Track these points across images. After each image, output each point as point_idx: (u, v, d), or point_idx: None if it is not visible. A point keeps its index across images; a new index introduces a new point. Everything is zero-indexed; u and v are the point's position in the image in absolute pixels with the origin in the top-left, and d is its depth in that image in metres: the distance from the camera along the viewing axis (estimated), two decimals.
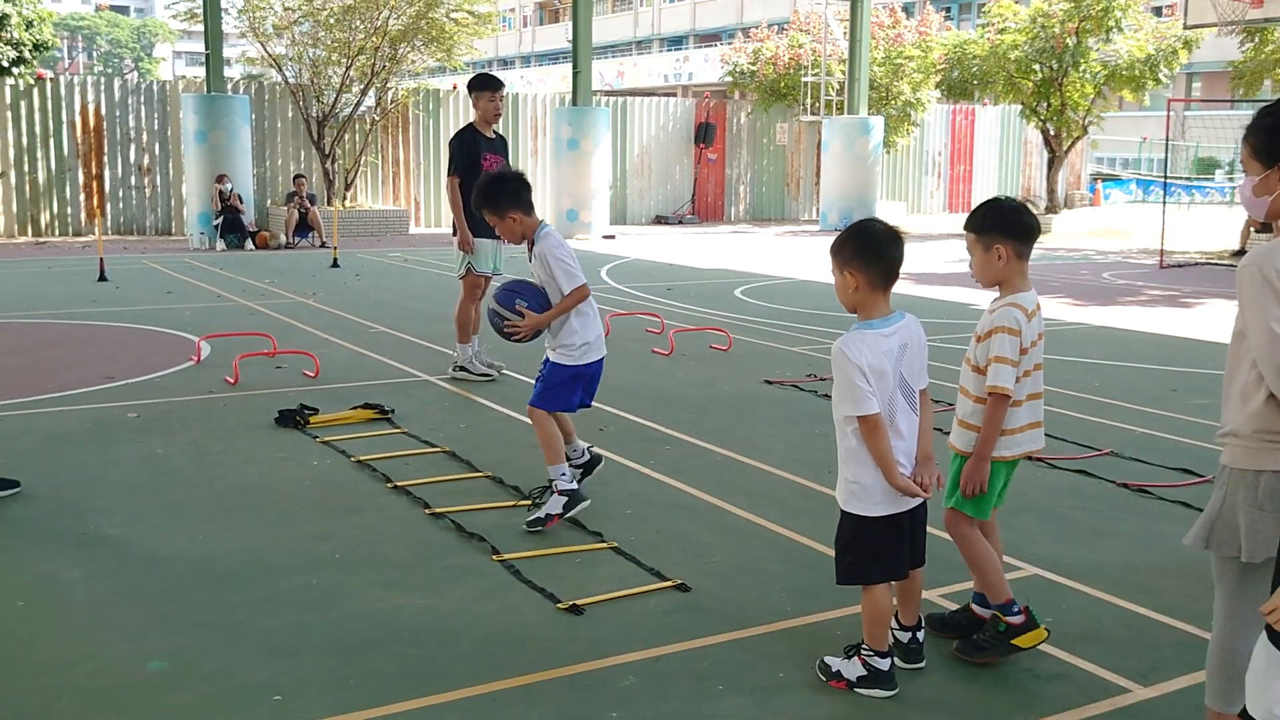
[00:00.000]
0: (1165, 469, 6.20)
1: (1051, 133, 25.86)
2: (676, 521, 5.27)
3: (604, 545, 4.91)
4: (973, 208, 3.93)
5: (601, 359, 5.39)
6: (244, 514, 5.34)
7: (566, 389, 5.30)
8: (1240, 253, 19.17)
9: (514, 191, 5.32)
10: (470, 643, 3.96)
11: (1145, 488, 5.84)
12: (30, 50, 22.24)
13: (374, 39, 23.16)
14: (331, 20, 23.36)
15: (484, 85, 8.50)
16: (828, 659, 3.74)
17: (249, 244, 20.21)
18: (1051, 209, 26.62)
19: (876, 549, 3.59)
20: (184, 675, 3.71)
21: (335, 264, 16.78)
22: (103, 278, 14.57)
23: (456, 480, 5.88)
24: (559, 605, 4.24)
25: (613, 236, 22.92)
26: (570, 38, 23.17)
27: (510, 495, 5.62)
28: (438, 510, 5.32)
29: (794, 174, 29.98)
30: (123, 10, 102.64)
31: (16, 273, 15.74)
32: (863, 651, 3.65)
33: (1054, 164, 26.57)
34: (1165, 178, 22.15)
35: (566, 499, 5.18)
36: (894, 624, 3.81)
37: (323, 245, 20.37)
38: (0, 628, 4.08)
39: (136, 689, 3.61)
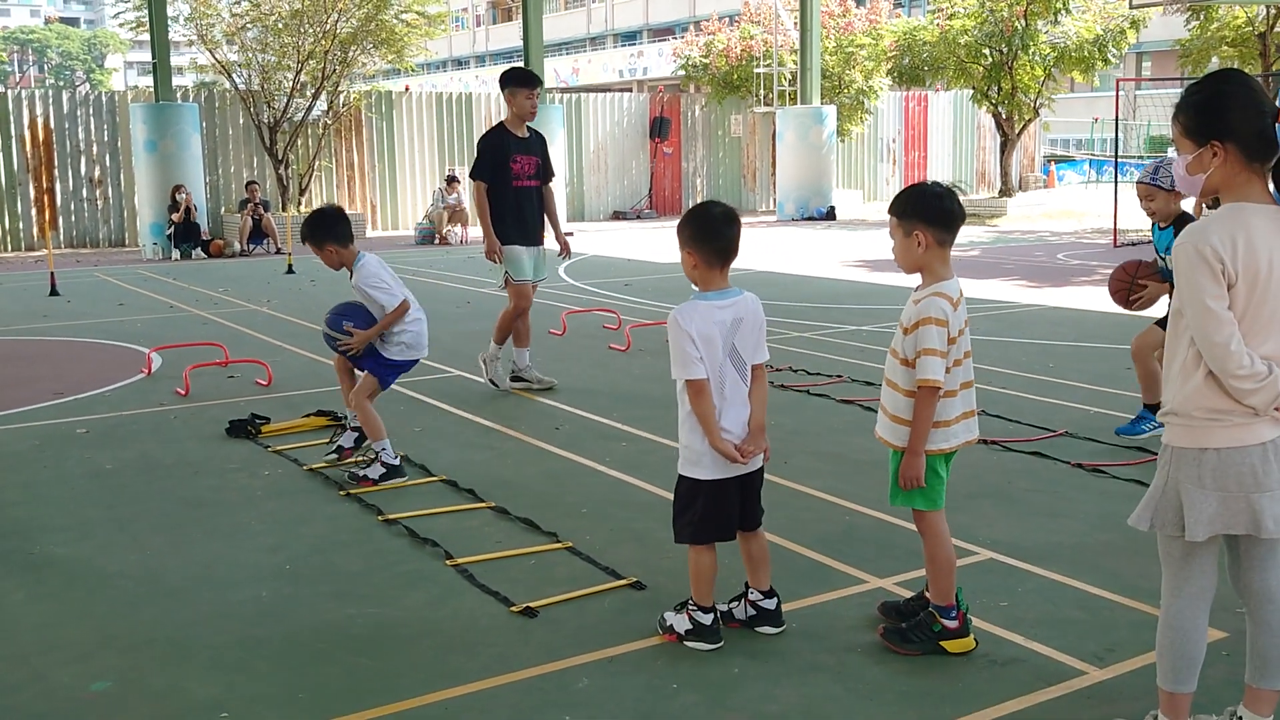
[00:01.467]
0: (1120, 448, 6.23)
1: (1003, 116, 25.99)
2: (633, 519, 5.24)
3: (559, 545, 4.87)
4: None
5: (418, 360, 6.17)
6: (194, 527, 5.26)
7: (386, 375, 6.08)
8: None
9: (330, 225, 5.95)
10: (422, 651, 3.91)
11: (1100, 467, 5.86)
12: None
13: (323, 43, 22.98)
14: (280, 25, 23.15)
15: (520, 81, 7.80)
16: (665, 614, 3.96)
17: (197, 252, 19.98)
18: (1006, 192, 26.76)
19: (706, 511, 3.81)
20: (130, 695, 3.64)
21: (290, 270, 16.63)
22: (54, 292, 14.37)
23: (410, 485, 5.82)
24: (513, 609, 4.19)
25: (570, 234, 22.75)
26: (523, 36, 23.07)
27: (465, 498, 5.57)
28: (390, 516, 5.26)
29: (750, 165, 30.00)
30: (72, 22, 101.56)
31: None
32: (689, 607, 3.87)
33: (1007, 147, 26.71)
34: (1117, 157, 22.30)
35: (356, 435, 6.21)
36: (755, 594, 3.99)
37: (278, 252, 20.18)
38: None
39: (81, 711, 3.54)
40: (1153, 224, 6.53)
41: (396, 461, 5.92)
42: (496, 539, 5.00)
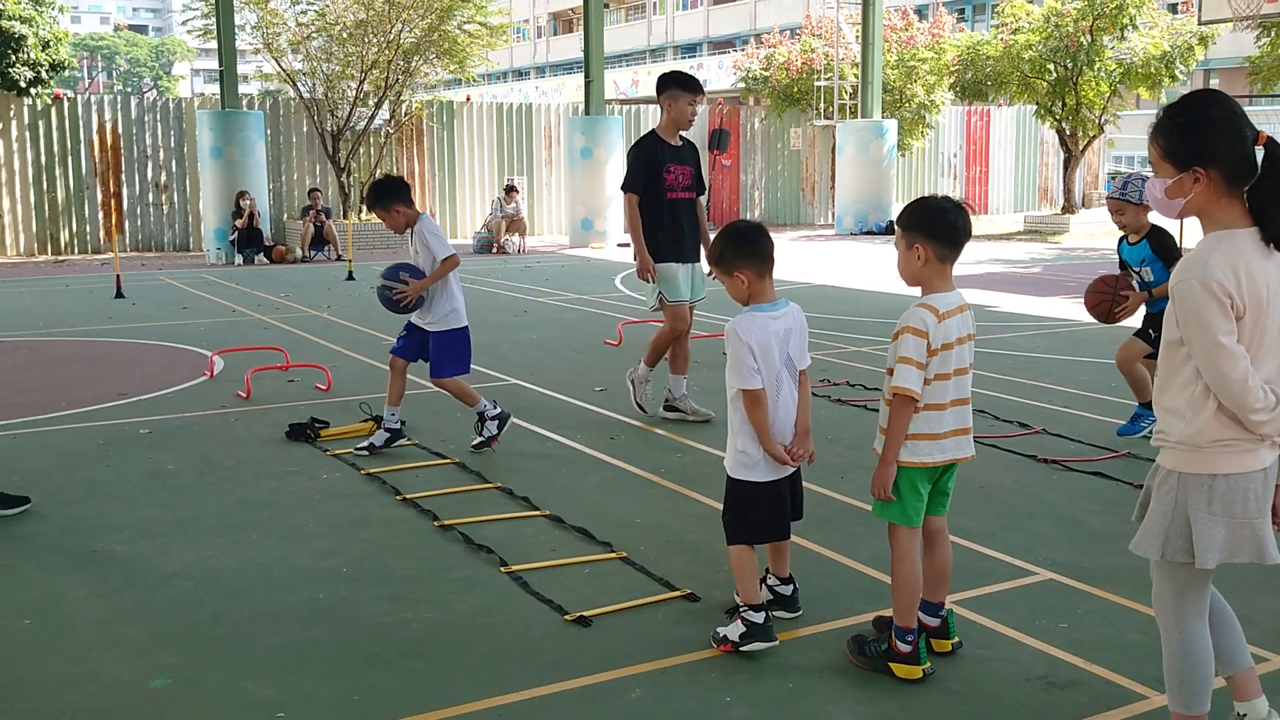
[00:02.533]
0: None
1: (1067, 132, 25.71)
2: (686, 531, 5.22)
3: (613, 555, 4.87)
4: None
5: (467, 326, 6.69)
6: (252, 529, 5.32)
7: (458, 352, 6.65)
8: None
9: (397, 188, 6.61)
10: (476, 656, 3.92)
11: None
12: (47, 70, 22.38)
13: (387, 52, 23.22)
14: (345, 35, 23.44)
15: (685, 85, 7.17)
16: (717, 629, 3.98)
17: (260, 258, 20.27)
18: (1069, 209, 26.47)
19: (762, 513, 3.94)
20: (187, 693, 3.68)
21: (350, 277, 16.81)
22: (120, 295, 14.63)
23: (466, 492, 5.85)
24: (566, 617, 4.19)
25: (627, 245, 22.87)
26: (583, 47, 23.20)
27: (521, 506, 5.59)
28: (446, 522, 5.29)
29: (809, 179, 29.91)
30: (141, 29, 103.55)
31: (35, 291, 15.83)
32: (740, 610, 3.92)
33: (1070, 163, 26.41)
34: None
35: (497, 420, 6.64)
36: (773, 580, 4.17)
37: (338, 258, 20.41)
38: (6, 647, 4.06)
39: (139, 707, 3.59)
40: (1120, 239, 6.75)
41: (498, 411, 6.71)
42: (551, 547, 5.01)
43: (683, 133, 7.38)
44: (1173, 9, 27.96)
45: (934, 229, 3.63)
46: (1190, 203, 2.87)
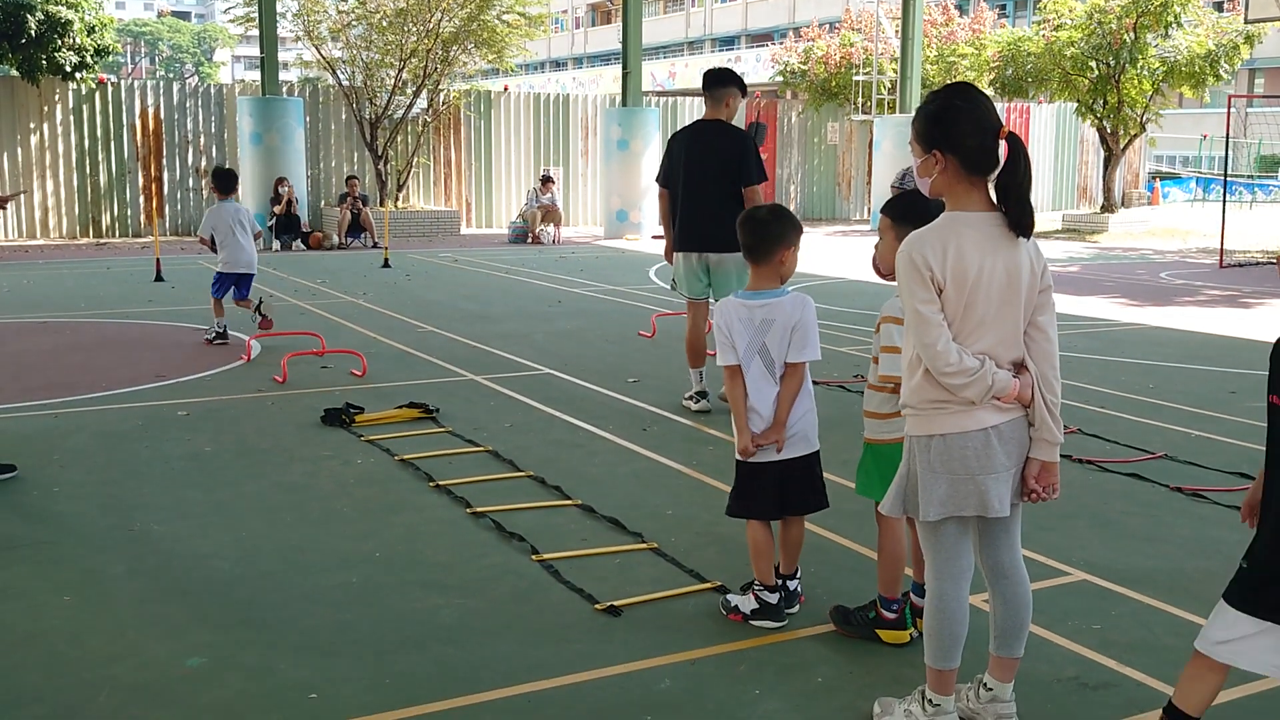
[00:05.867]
0: (1221, 473, 6.06)
1: (1108, 130, 25.47)
2: (717, 523, 5.22)
3: (644, 546, 4.89)
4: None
5: (235, 274, 9.96)
6: (287, 512, 5.37)
7: (215, 279, 9.96)
8: None
9: (214, 175, 10.24)
10: (507, 643, 3.94)
11: (1200, 492, 5.71)
12: (92, 55, 22.55)
13: (426, 41, 23.29)
14: (384, 23, 23.52)
15: (743, 88, 7.61)
16: (729, 596, 4.19)
17: (298, 244, 20.40)
18: (1108, 208, 26.23)
19: (743, 489, 4.13)
20: (222, 672, 3.72)
21: (386, 264, 16.90)
22: (159, 278, 14.77)
23: (498, 480, 5.88)
24: (597, 606, 4.21)
25: (661, 236, 22.86)
26: (621, 38, 23.19)
27: (553, 495, 5.61)
28: (478, 510, 5.32)
29: (845, 173, 29.78)
30: (184, 16, 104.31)
31: (76, 273, 16.00)
32: (754, 587, 4.10)
33: (1111, 162, 26.16)
34: (1226, 176, 21.75)
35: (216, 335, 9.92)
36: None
37: (375, 245, 20.51)
38: (47, 623, 4.13)
39: (175, 685, 3.64)
40: None
41: (222, 330, 9.86)
42: (582, 536, 5.03)
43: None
44: (1218, 7, 27.64)
45: (905, 221, 3.66)
46: (934, 183, 3.14)
